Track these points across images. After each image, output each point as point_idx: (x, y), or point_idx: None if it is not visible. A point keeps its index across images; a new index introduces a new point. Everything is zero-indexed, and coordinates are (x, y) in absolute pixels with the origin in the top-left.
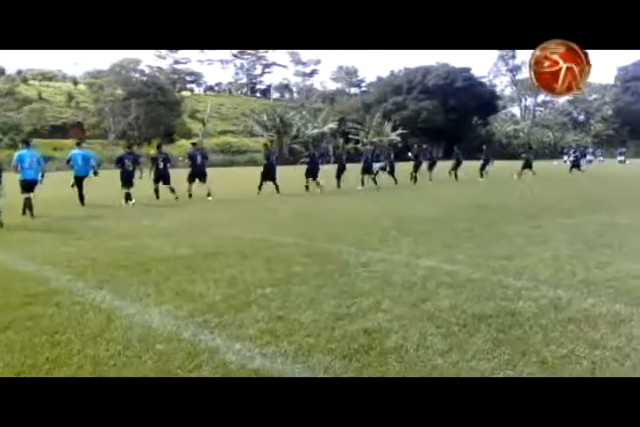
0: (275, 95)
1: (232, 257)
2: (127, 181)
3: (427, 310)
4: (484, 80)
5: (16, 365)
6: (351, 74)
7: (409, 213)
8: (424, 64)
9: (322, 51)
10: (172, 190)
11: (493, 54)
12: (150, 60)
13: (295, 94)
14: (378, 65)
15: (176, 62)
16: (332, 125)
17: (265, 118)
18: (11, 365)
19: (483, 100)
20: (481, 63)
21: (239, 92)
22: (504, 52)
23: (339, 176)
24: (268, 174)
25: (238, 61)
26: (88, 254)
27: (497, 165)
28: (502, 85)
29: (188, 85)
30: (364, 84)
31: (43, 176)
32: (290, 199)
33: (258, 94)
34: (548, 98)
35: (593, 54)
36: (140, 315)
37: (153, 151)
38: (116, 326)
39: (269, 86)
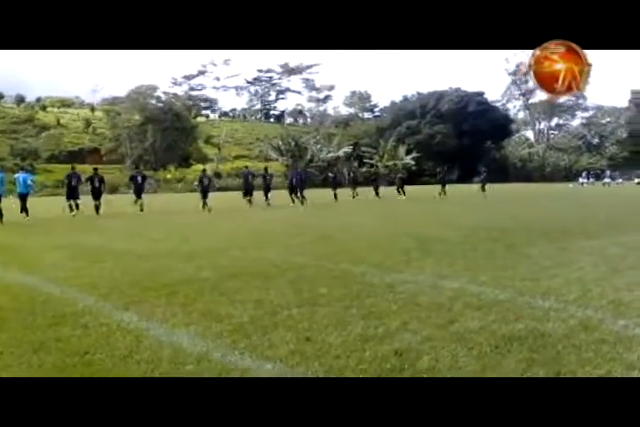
0: (288, 120)
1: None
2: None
3: (456, 331)
4: (497, 104)
5: None
6: (364, 99)
7: (429, 234)
8: (437, 89)
9: (336, 76)
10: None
11: (506, 78)
12: (166, 87)
13: (309, 119)
14: (390, 90)
15: (191, 89)
16: (347, 149)
17: (280, 143)
18: None
19: (496, 124)
20: (494, 87)
21: (253, 117)
22: (517, 76)
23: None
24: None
25: (252, 88)
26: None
27: (511, 188)
28: (515, 109)
29: (203, 111)
30: (377, 109)
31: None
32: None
33: (272, 120)
34: (561, 121)
35: (605, 77)
36: (168, 336)
37: (170, 175)
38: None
39: (283, 112)
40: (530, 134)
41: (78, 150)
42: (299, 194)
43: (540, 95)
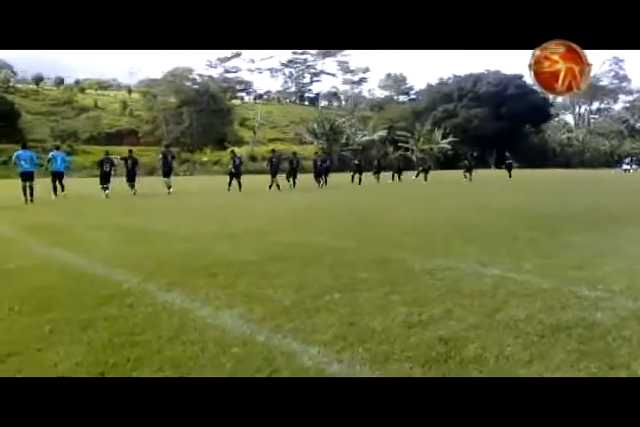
0: (323, 103)
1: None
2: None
3: (501, 319)
4: (536, 87)
5: (100, 363)
6: (399, 81)
7: (469, 220)
8: (474, 71)
9: (371, 58)
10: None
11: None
12: (201, 69)
13: (343, 102)
14: (426, 72)
15: (226, 71)
16: (382, 133)
17: (315, 126)
18: (95, 363)
19: (535, 108)
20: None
21: (288, 100)
22: None
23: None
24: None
25: (287, 70)
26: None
27: (550, 173)
28: None
29: (238, 94)
30: (412, 92)
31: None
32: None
33: (306, 102)
34: (602, 105)
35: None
36: (213, 318)
37: (205, 158)
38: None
39: (318, 94)
40: (569, 118)
41: (116, 132)
42: (323, 178)
43: None
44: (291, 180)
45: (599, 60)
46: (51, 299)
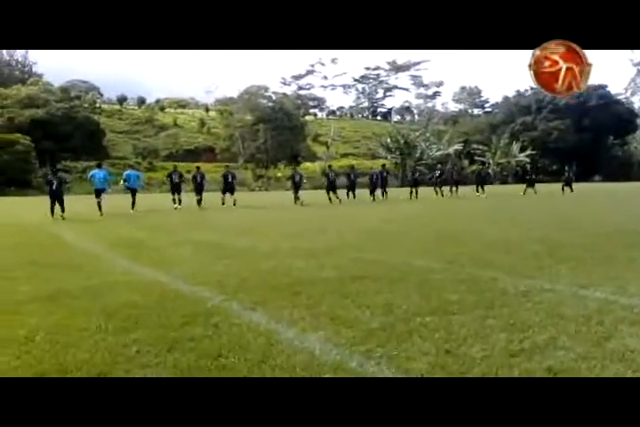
0: (395, 118)
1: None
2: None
3: (613, 349)
4: (620, 97)
5: None
6: (474, 94)
7: (557, 238)
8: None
9: (445, 72)
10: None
11: (631, 70)
12: (276, 87)
13: (416, 116)
14: (501, 85)
15: (300, 88)
16: (457, 147)
17: (389, 140)
18: None
19: (620, 119)
20: (617, 80)
21: (360, 115)
22: None
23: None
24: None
25: (360, 86)
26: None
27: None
28: None
29: (311, 110)
30: (487, 105)
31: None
32: None
33: (379, 117)
34: None
35: None
36: (300, 340)
37: (280, 173)
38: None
39: (390, 109)
40: None
41: (194, 149)
42: (377, 192)
43: None
44: (350, 193)
45: None
46: (135, 317)
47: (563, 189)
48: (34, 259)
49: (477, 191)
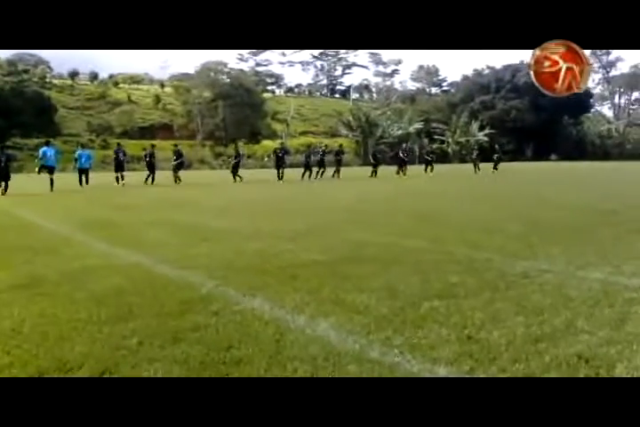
0: (354, 95)
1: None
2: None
3: (635, 332)
4: None
5: None
6: (432, 73)
7: (538, 216)
8: (511, 63)
9: (403, 51)
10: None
11: (586, 51)
12: (233, 63)
13: (375, 95)
14: (459, 64)
15: (257, 64)
16: (418, 126)
17: (351, 119)
18: None
19: (575, 98)
20: None
21: (318, 93)
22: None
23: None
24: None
25: (319, 63)
26: None
27: (592, 166)
28: (594, 83)
29: (269, 87)
30: (445, 84)
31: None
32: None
33: (337, 95)
34: None
35: None
36: (312, 328)
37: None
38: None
39: (349, 87)
40: (606, 110)
41: (149, 126)
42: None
43: (622, 67)
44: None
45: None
46: (128, 305)
47: (495, 168)
48: (0, 242)
49: (425, 171)
